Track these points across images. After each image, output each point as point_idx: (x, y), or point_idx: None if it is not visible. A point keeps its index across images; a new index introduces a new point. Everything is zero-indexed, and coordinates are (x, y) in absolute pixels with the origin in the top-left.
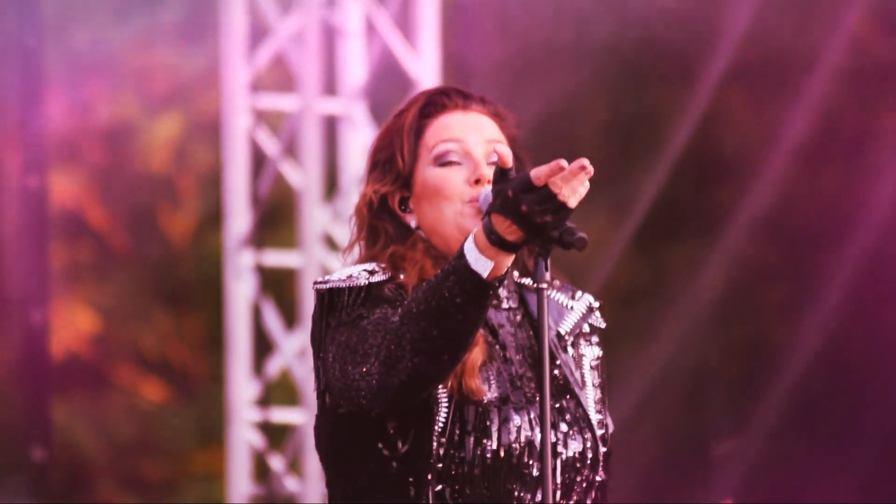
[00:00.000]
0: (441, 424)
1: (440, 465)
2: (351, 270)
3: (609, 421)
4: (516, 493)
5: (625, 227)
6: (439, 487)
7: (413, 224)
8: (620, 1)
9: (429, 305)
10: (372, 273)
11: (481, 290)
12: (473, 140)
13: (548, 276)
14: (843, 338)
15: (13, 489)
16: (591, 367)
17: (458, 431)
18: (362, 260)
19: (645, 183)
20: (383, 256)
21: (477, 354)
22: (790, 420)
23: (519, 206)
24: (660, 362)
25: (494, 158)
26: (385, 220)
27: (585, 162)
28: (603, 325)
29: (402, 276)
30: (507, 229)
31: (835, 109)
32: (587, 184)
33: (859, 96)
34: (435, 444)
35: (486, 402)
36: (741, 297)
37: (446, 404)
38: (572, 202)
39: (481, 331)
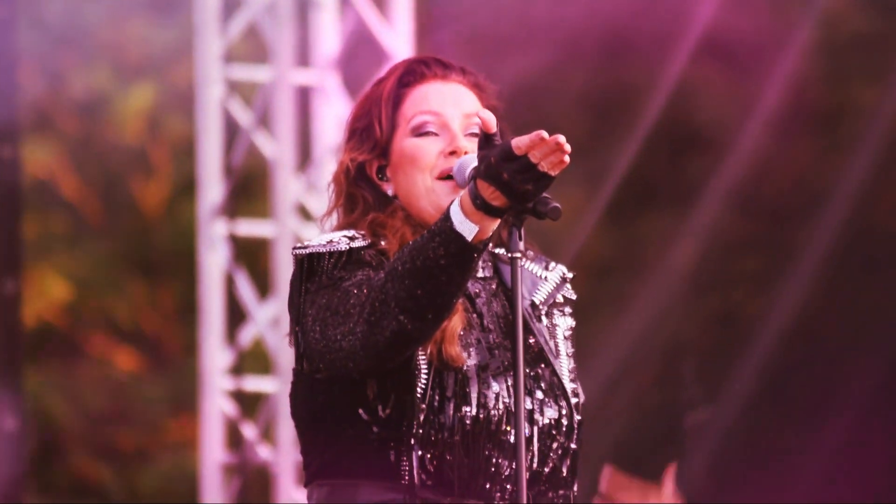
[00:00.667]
0: (421, 390)
1: (420, 430)
2: (331, 236)
3: (580, 391)
4: (494, 460)
5: (598, 198)
6: (419, 453)
7: (390, 192)
8: None
9: (414, 265)
10: (352, 239)
11: (465, 253)
12: (451, 113)
13: (521, 245)
14: (817, 310)
15: None
16: (565, 337)
17: (437, 398)
18: (340, 227)
19: (618, 155)
20: (363, 223)
21: (456, 322)
22: (763, 391)
23: (501, 173)
24: (633, 333)
25: (472, 130)
26: (363, 188)
27: (562, 139)
28: (574, 297)
29: (382, 243)
30: (492, 195)
31: (808, 82)
32: (567, 158)
33: (832, 69)
34: (416, 410)
35: (465, 368)
36: (714, 269)
37: (426, 370)
38: (553, 172)
39: (462, 299)
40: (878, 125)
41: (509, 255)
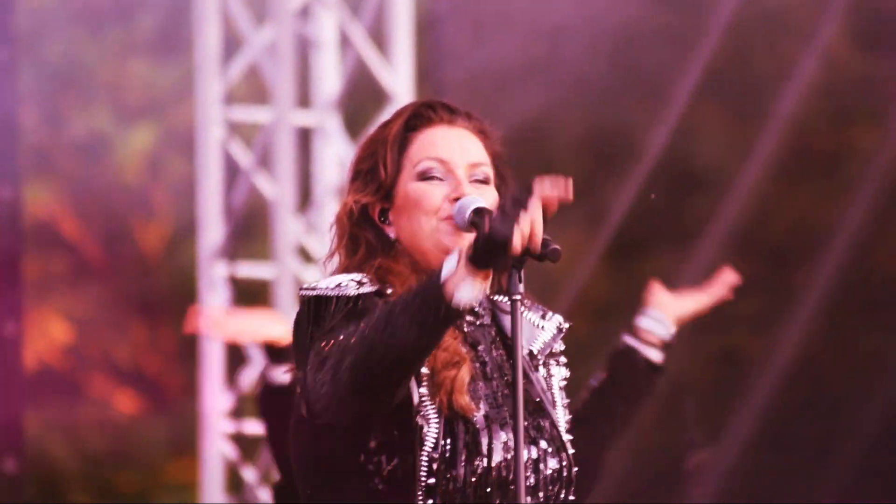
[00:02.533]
0: (432, 441)
1: (432, 480)
2: (339, 279)
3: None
4: None
5: (599, 239)
6: (429, 503)
7: (392, 235)
8: (594, 15)
9: (381, 314)
10: (360, 284)
11: (433, 293)
12: (457, 161)
13: (521, 287)
14: (817, 351)
15: None
16: (560, 388)
17: (449, 448)
18: (343, 268)
19: (619, 196)
20: (368, 267)
21: (464, 372)
22: (764, 432)
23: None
24: None
25: (476, 178)
26: (366, 230)
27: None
28: (563, 348)
29: (389, 291)
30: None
31: (808, 124)
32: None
33: (832, 111)
34: (426, 460)
35: (475, 419)
36: (715, 310)
37: (436, 420)
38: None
39: (467, 348)
40: (877, 168)
41: (509, 298)
